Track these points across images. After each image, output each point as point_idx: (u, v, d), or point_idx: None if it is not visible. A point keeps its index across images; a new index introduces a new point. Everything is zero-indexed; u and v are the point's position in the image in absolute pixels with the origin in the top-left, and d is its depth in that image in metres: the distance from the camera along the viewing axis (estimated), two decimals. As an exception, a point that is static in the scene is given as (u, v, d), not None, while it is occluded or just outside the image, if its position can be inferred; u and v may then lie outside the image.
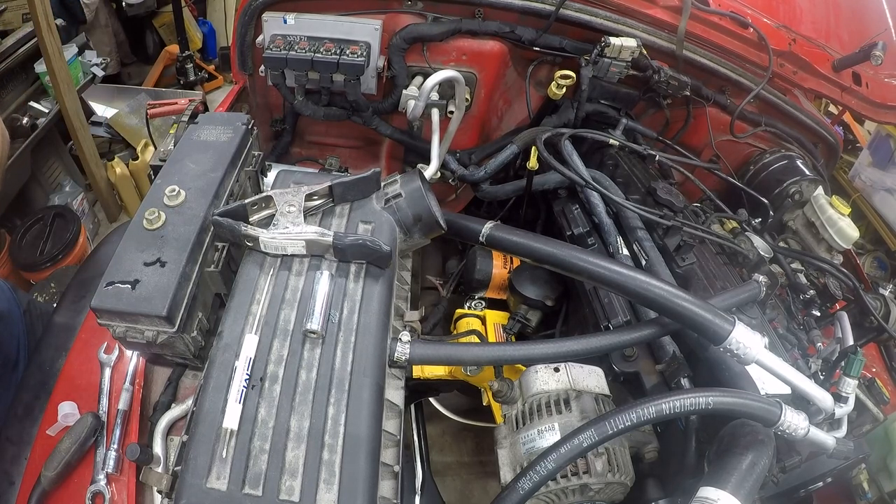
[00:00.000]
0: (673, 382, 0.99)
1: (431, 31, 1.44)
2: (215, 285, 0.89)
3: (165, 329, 0.78)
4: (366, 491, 0.61)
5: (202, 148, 0.97)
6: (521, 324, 1.32)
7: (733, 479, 0.73)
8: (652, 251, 1.19)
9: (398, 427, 0.74)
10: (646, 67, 1.49)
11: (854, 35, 1.77)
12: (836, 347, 1.16)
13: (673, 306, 0.83)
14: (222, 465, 0.60)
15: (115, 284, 0.78)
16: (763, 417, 0.80)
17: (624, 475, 0.89)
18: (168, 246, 0.81)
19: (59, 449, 0.81)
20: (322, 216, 0.81)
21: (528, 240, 0.95)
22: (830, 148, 1.82)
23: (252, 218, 0.78)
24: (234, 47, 1.52)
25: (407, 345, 0.76)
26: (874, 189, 2.56)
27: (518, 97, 1.66)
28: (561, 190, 1.49)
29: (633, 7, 1.47)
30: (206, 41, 3.82)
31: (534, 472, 0.78)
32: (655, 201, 1.26)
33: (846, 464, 0.98)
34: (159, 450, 0.86)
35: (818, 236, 1.42)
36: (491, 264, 1.45)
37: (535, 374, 1.00)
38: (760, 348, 0.81)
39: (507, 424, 1.00)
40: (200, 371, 0.84)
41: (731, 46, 1.56)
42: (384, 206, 0.83)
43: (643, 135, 1.61)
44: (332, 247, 0.74)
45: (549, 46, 1.52)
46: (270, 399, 0.65)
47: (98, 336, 0.94)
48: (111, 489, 0.83)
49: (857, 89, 1.72)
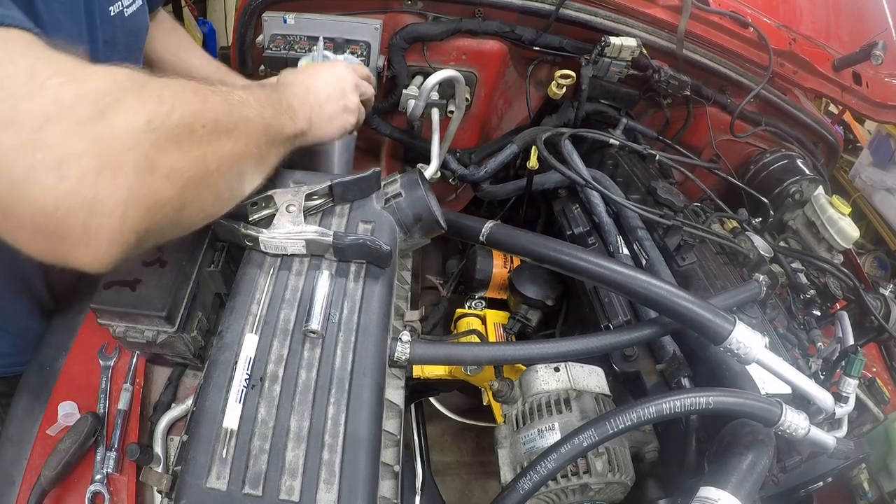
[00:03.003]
0: (673, 382, 0.99)
1: (431, 31, 1.44)
2: (215, 285, 0.89)
3: (165, 329, 0.78)
4: (366, 491, 0.61)
5: (202, 148, 0.97)
6: (522, 323, 1.31)
7: (733, 478, 0.73)
8: (652, 251, 1.19)
9: (398, 427, 0.74)
10: (646, 67, 1.48)
11: (854, 35, 1.77)
12: (837, 347, 1.16)
13: (673, 306, 0.83)
14: (222, 465, 0.60)
15: (114, 284, 0.78)
16: (763, 417, 0.80)
17: (624, 475, 0.89)
18: (168, 246, 0.81)
19: (58, 449, 0.81)
20: (322, 216, 0.81)
21: (529, 239, 0.95)
22: (831, 147, 1.82)
23: (252, 217, 0.77)
24: (233, 47, 1.51)
25: (407, 344, 0.76)
26: (874, 189, 2.56)
27: (518, 97, 1.65)
28: (561, 189, 1.48)
29: (633, 7, 1.47)
30: (206, 41, 3.81)
31: (534, 472, 0.78)
32: (656, 201, 1.26)
33: (846, 464, 0.98)
34: (159, 450, 0.86)
35: (818, 236, 1.42)
36: (491, 264, 1.45)
37: (535, 373, 1.00)
38: (761, 348, 0.81)
39: (508, 424, 1.00)
40: (200, 371, 0.84)
41: (732, 46, 1.56)
42: (384, 205, 0.83)
43: (643, 134, 1.61)
44: (332, 246, 0.74)
45: (549, 46, 1.52)
46: (270, 399, 0.65)
47: (98, 336, 0.94)
48: (111, 489, 0.83)
49: (858, 89, 1.72)
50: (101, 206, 0.43)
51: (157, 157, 0.47)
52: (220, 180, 0.55)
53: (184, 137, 0.49)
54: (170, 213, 0.49)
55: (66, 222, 0.42)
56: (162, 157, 0.47)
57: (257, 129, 0.61)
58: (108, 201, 0.43)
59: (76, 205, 0.42)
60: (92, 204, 0.42)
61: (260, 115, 0.63)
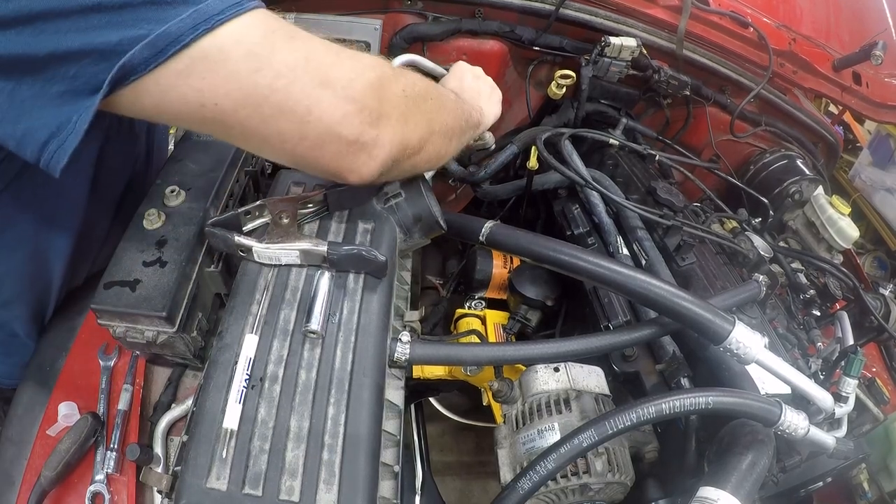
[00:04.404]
0: (673, 382, 0.99)
1: (431, 31, 1.43)
2: (215, 285, 0.89)
3: (165, 329, 0.78)
4: (366, 491, 0.61)
5: (202, 148, 0.97)
6: (521, 324, 1.31)
7: (733, 478, 0.73)
8: (652, 251, 1.19)
9: (398, 427, 0.74)
10: (646, 67, 1.48)
11: (854, 35, 1.77)
12: (836, 347, 1.16)
13: (673, 306, 0.83)
14: (222, 465, 0.60)
15: (114, 284, 0.78)
16: (763, 417, 0.80)
17: (624, 475, 0.89)
18: (168, 246, 0.81)
19: (58, 449, 0.81)
20: (321, 219, 0.81)
21: (528, 239, 0.95)
22: (830, 147, 1.82)
23: (246, 227, 0.77)
24: (234, 47, 1.51)
25: (407, 345, 0.76)
26: (874, 189, 2.56)
27: (518, 97, 1.65)
28: (561, 190, 1.48)
29: (633, 7, 1.47)
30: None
31: (534, 472, 0.78)
32: (655, 201, 1.26)
33: (846, 464, 0.98)
34: (159, 450, 0.86)
35: (818, 236, 1.42)
36: (491, 264, 1.45)
37: (535, 373, 1.00)
38: (760, 348, 0.81)
39: (507, 424, 1.00)
40: (200, 371, 0.84)
41: (731, 46, 1.55)
42: (384, 206, 0.83)
43: (643, 134, 1.60)
44: (326, 258, 0.74)
45: (549, 46, 1.51)
46: (270, 399, 0.65)
47: (98, 336, 0.94)
48: (111, 489, 0.83)
49: (858, 89, 1.72)
50: (380, 139, 0.66)
51: (409, 113, 0.69)
52: (438, 139, 0.77)
53: (420, 104, 0.72)
54: (410, 153, 0.71)
55: (359, 148, 0.65)
56: (410, 114, 0.70)
57: (458, 111, 0.85)
58: (383, 136, 0.66)
59: (367, 139, 0.65)
60: (375, 138, 0.65)
61: (457, 102, 0.87)
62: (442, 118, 0.78)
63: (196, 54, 0.56)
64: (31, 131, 0.57)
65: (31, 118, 0.57)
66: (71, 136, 0.57)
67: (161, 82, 0.57)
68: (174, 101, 0.58)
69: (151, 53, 0.54)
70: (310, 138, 0.63)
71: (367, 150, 0.66)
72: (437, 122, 0.76)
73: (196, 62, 0.56)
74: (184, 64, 0.56)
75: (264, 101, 0.60)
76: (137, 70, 0.55)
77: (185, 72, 0.56)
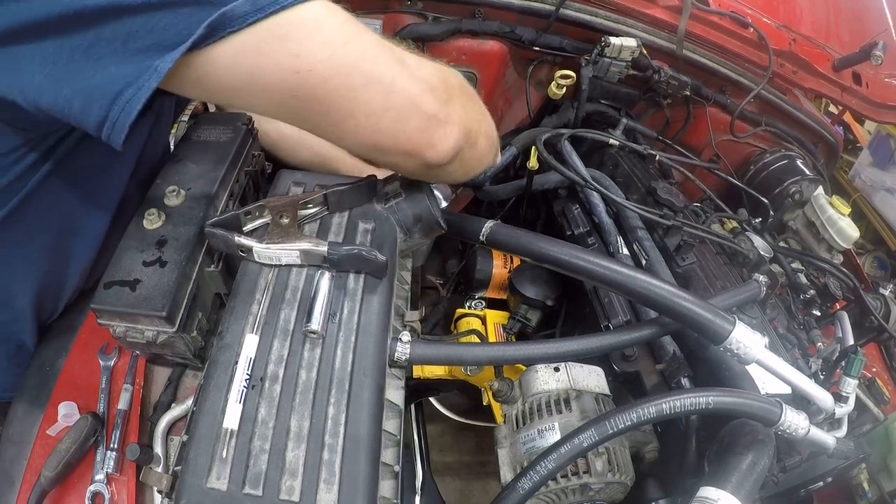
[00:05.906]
0: (673, 382, 0.99)
1: (431, 31, 1.44)
2: (215, 285, 0.89)
3: (165, 329, 0.78)
4: (366, 491, 0.61)
5: (202, 148, 0.97)
6: (521, 323, 1.31)
7: (733, 478, 0.73)
8: (652, 251, 1.19)
9: (398, 427, 0.74)
10: (646, 67, 1.49)
11: (854, 35, 1.77)
12: (837, 347, 1.16)
13: (673, 306, 0.83)
14: (222, 465, 0.60)
15: (114, 284, 0.78)
16: (763, 417, 0.80)
17: (624, 475, 0.89)
18: (168, 246, 0.81)
19: (58, 449, 0.81)
20: (321, 219, 0.81)
21: (529, 239, 0.95)
22: (830, 148, 1.82)
23: (246, 227, 0.77)
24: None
25: (407, 345, 0.76)
26: (874, 189, 2.55)
27: (518, 97, 1.66)
28: (561, 190, 1.48)
29: (633, 7, 1.47)
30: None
31: (534, 472, 0.78)
32: (655, 201, 1.26)
33: (846, 464, 0.98)
34: (159, 450, 0.86)
35: (818, 236, 1.42)
36: (491, 264, 1.45)
37: (535, 373, 1.00)
38: (761, 348, 0.81)
39: (507, 424, 1.00)
40: (200, 371, 0.84)
41: (731, 46, 1.56)
42: (384, 206, 0.83)
43: (643, 134, 1.61)
44: (326, 258, 0.74)
45: (549, 46, 1.52)
46: (270, 399, 0.65)
47: (98, 336, 0.94)
48: (111, 489, 0.83)
49: (858, 89, 1.72)
50: (451, 118, 0.70)
51: (466, 104, 0.74)
52: (484, 141, 0.80)
53: (472, 100, 0.78)
54: (471, 141, 0.75)
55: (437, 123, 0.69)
56: (468, 105, 0.74)
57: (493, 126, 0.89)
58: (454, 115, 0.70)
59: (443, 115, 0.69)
60: (448, 115, 0.69)
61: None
62: (487, 122, 0.82)
63: (295, 19, 0.57)
64: (103, 85, 0.54)
65: (106, 74, 0.53)
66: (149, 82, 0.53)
67: (258, 40, 0.56)
68: (268, 66, 0.58)
69: (253, 8, 0.54)
70: (394, 109, 0.65)
71: (443, 127, 0.69)
72: (483, 124, 0.80)
73: (296, 27, 0.57)
74: (283, 28, 0.56)
75: (354, 70, 0.62)
76: (234, 23, 0.54)
77: (284, 36, 0.57)
